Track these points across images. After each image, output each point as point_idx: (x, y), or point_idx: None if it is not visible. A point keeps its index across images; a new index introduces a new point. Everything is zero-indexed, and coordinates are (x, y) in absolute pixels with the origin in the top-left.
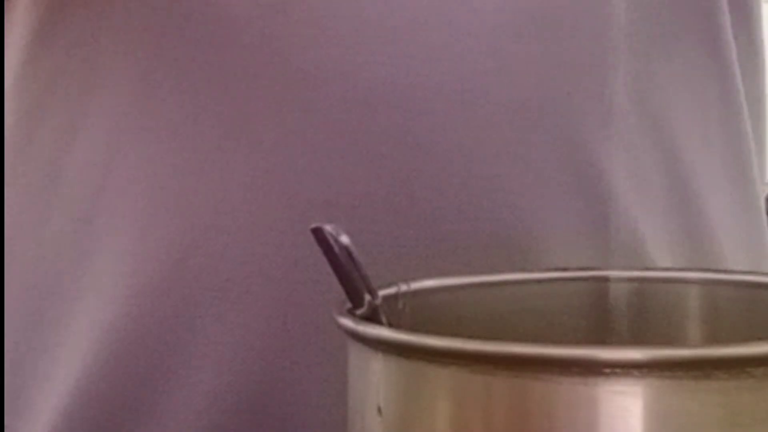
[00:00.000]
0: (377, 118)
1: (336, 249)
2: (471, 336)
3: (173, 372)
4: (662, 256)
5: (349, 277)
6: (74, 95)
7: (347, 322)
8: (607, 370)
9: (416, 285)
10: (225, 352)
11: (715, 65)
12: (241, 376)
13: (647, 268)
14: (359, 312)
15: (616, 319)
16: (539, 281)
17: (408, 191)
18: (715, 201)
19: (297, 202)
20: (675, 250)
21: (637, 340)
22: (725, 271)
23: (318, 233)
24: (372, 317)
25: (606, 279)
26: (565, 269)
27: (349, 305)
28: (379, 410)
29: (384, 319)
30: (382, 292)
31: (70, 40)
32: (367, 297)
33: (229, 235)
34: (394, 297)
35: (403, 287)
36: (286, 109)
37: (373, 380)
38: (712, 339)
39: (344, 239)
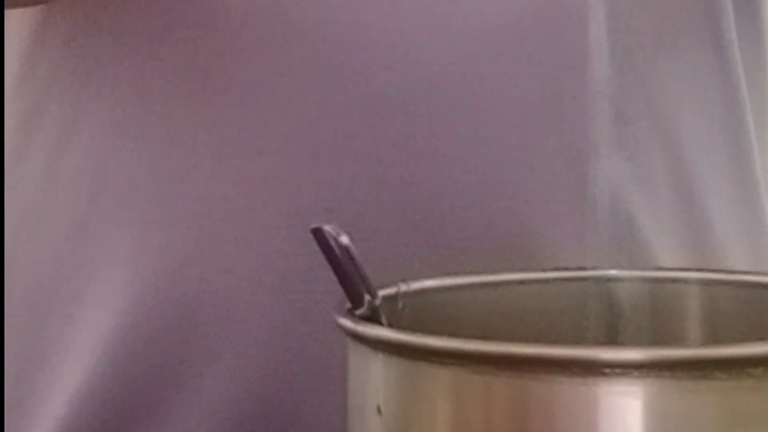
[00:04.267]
0: (378, 124)
1: (336, 249)
2: (471, 336)
3: (173, 380)
4: (667, 259)
5: (349, 278)
6: (69, 98)
7: (347, 322)
8: (607, 370)
9: (416, 285)
10: (226, 360)
11: (719, 64)
12: (242, 384)
13: (647, 268)
14: (359, 312)
15: (616, 319)
16: (539, 281)
17: (409, 197)
18: (719, 203)
19: (297, 209)
20: (680, 254)
21: (637, 340)
22: (725, 271)
23: (318, 233)
24: (372, 317)
25: (606, 279)
26: (565, 269)
27: (349, 305)
28: (379, 410)
29: (384, 319)
30: (382, 293)
31: (63, 41)
32: (367, 297)
33: (229, 243)
34: (394, 297)
35: (403, 287)
36: (284, 114)
37: (373, 380)
38: (712, 339)
39: (344, 239)
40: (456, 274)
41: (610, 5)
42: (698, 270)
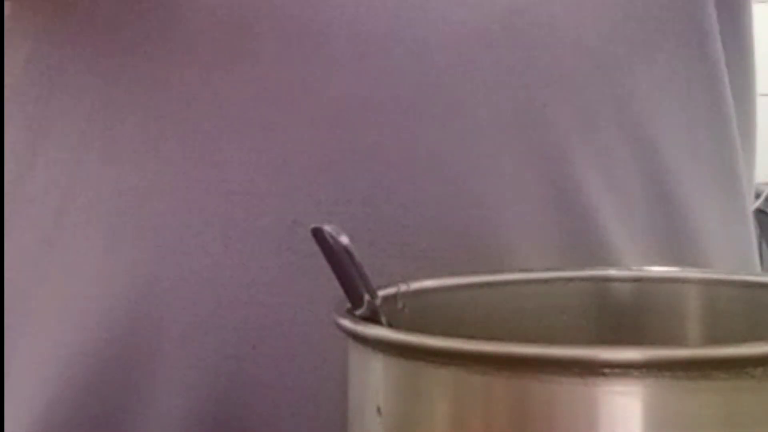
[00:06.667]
0: (346, 133)
1: (336, 249)
2: (471, 336)
3: (142, 395)
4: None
5: (349, 278)
6: (34, 114)
7: (347, 322)
8: (607, 370)
9: (416, 285)
10: (195, 374)
11: (702, 70)
12: (211, 399)
13: (647, 268)
14: (359, 312)
15: (616, 319)
16: (539, 281)
17: (380, 207)
18: (702, 212)
19: (264, 223)
20: (654, 261)
21: (637, 340)
22: (725, 271)
23: (317, 234)
24: (371, 317)
25: (606, 279)
26: (564, 269)
27: (348, 305)
28: (379, 410)
29: (384, 320)
30: (381, 293)
31: (26, 57)
32: (367, 297)
33: (196, 257)
34: (394, 297)
35: (403, 287)
36: (251, 127)
37: (373, 380)
38: (712, 339)
39: (344, 239)
40: (456, 274)
41: (582, 11)
42: (698, 270)
